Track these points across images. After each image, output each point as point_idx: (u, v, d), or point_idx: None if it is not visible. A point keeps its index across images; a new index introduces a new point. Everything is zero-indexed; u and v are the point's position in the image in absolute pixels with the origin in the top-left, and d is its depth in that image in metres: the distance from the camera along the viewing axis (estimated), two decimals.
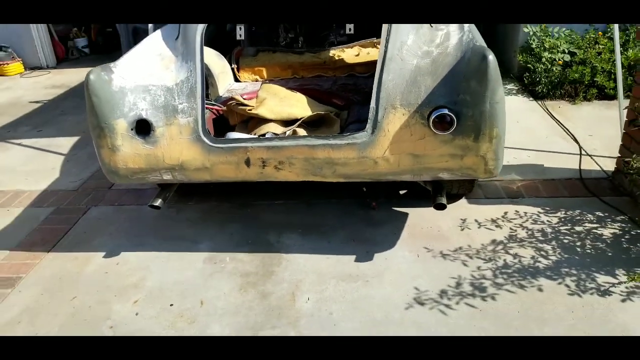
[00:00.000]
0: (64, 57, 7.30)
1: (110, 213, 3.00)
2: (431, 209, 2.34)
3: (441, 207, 2.19)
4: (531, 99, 4.29)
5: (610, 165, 3.04)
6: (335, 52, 3.16)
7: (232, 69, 3.02)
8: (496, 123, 1.93)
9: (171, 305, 2.20)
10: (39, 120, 4.83)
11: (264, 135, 2.24)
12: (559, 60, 4.21)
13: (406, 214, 2.72)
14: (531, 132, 3.65)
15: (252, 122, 2.35)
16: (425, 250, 2.42)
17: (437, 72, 2.01)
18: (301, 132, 2.27)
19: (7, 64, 6.59)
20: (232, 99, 2.42)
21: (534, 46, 4.33)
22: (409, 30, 2.18)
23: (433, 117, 1.95)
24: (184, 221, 2.83)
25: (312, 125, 2.38)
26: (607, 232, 2.46)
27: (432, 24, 2.30)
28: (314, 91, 2.63)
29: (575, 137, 3.49)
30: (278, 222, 2.73)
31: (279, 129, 2.28)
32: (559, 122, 3.77)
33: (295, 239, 2.58)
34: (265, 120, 2.29)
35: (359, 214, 2.76)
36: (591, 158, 3.20)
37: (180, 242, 2.63)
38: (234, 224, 2.75)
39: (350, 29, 3.00)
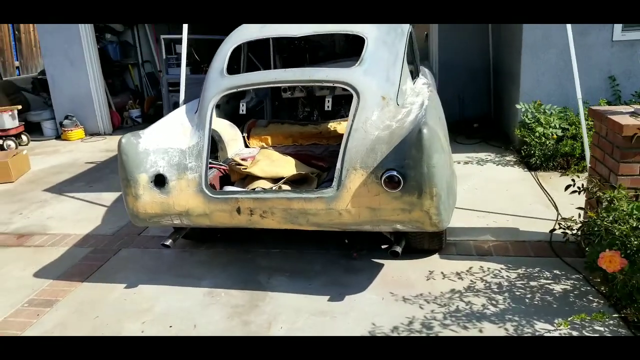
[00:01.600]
0: (119, 126, 8.35)
1: (136, 254, 3.58)
2: (405, 261, 2.74)
3: (395, 254, 2.60)
4: (526, 169, 4.66)
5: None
6: (332, 124, 3.74)
7: (244, 137, 3.63)
8: (434, 184, 2.37)
9: (170, 326, 2.67)
10: (91, 178, 5.63)
11: (254, 189, 2.78)
12: (553, 135, 4.61)
13: (382, 265, 3.12)
14: (517, 199, 4.01)
15: (248, 179, 2.91)
16: (390, 295, 2.80)
17: (391, 142, 2.51)
18: (285, 187, 2.79)
19: (71, 130, 7.64)
20: (233, 160, 3.00)
21: (527, 121, 4.76)
22: (375, 108, 2.71)
23: (384, 177, 2.43)
24: (194, 262, 3.36)
25: (297, 182, 2.91)
26: (558, 288, 2.76)
27: (398, 103, 2.84)
28: (305, 156, 3.18)
29: (557, 204, 3.81)
30: (271, 267, 3.20)
31: (267, 184, 2.82)
32: (545, 191, 4.11)
33: (282, 280, 3.03)
34: (258, 178, 2.84)
35: (341, 263, 3.19)
36: (565, 223, 3.51)
37: (188, 279, 3.14)
38: (234, 266, 3.24)
39: None
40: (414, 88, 3.21)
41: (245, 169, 2.83)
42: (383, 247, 3.15)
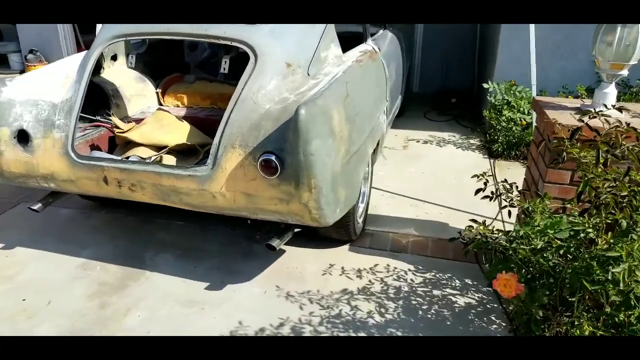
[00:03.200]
0: None
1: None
2: (310, 250, 2.46)
3: (271, 248, 2.31)
4: (486, 156, 4.30)
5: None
6: None
7: (157, 93, 3.29)
8: (313, 174, 2.05)
9: (24, 300, 2.44)
10: None
11: (127, 157, 2.47)
12: (522, 121, 4.21)
13: (284, 252, 2.84)
14: (462, 189, 3.67)
15: (131, 144, 2.60)
16: (275, 289, 2.53)
17: (280, 119, 2.17)
18: (168, 159, 2.48)
19: (34, 65, 7.29)
20: (113, 121, 2.67)
21: (494, 102, 4.36)
22: (275, 75, 2.36)
23: (260, 160, 2.11)
24: (87, 227, 3.10)
25: (186, 153, 2.60)
26: (462, 301, 2.47)
27: (309, 73, 2.48)
28: (213, 122, 2.84)
29: (501, 200, 3.47)
30: (165, 241, 2.93)
31: (148, 153, 2.51)
32: (496, 182, 3.77)
33: (168, 259, 2.77)
34: (138, 144, 2.53)
35: (242, 245, 2.91)
36: (503, 224, 3.19)
37: (70, 245, 2.89)
38: (126, 237, 2.98)
39: None
40: (342, 56, 2.83)
41: (123, 132, 2.51)
42: (257, 236, 2.85)
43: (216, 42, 2.47)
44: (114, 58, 3.08)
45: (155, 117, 2.64)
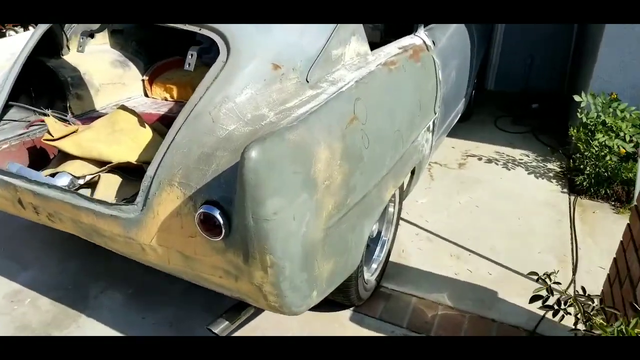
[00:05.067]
0: None
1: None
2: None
3: (212, 332, 1.63)
4: (565, 190, 3.35)
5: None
6: None
7: (143, 81, 2.67)
8: (267, 248, 1.33)
9: None
10: None
11: (53, 175, 1.86)
12: (620, 148, 3.22)
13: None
14: (525, 238, 2.80)
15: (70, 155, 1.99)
16: None
17: (239, 150, 1.47)
18: (106, 182, 1.84)
19: None
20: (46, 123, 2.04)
21: (585, 121, 3.36)
22: (253, 80, 1.64)
23: (199, 211, 1.42)
24: (38, 241, 2.58)
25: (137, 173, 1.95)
26: None
27: (308, 79, 1.75)
28: None
29: (577, 267, 2.58)
30: (120, 272, 2.35)
31: (88, 169, 1.89)
32: (574, 235, 2.85)
33: (115, 299, 2.19)
34: (76, 157, 1.91)
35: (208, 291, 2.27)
36: (576, 306, 2.32)
37: (9, 263, 2.39)
38: (78, 260, 2.43)
39: None
40: (368, 54, 2.05)
41: (52, 140, 1.90)
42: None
43: (180, 29, 1.78)
44: (92, 36, 2.48)
45: (110, 119, 2.02)
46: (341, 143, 1.55)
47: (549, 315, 2.17)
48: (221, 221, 1.38)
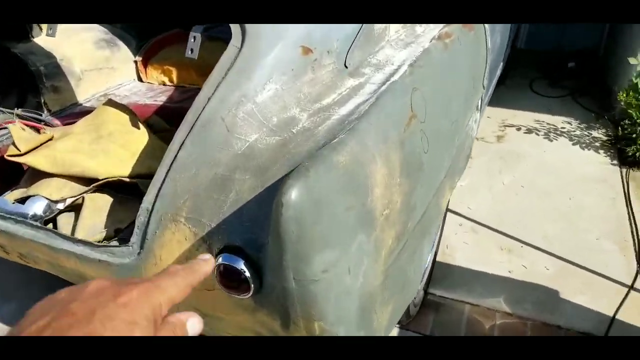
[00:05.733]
0: None
1: None
2: None
3: None
4: (615, 162, 2.89)
5: None
6: None
7: (136, 62, 2.18)
8: (315, 314, 0.92)
9: None
10: None
11: (25, 199, 1.42)
12: None
13: None
14: (579, 223, 2.38)
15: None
16: None
17: (270, 170, 1.03)
18: (93, 204, 1.41)
19: None
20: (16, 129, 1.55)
21: (638, 82, 2.87)
22: (277, 70, 1.18)
23: (218, 262, 1.00)
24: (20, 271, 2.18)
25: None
26: None
27: (347, 64, 1.29)
28: None
29: None
30: None
31: (66, 189, 1.44)
32: (632, 215, 2.43)
33: None
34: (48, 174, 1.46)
35: None
36: None
37: None
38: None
39: None
40: (415, 28, 1.56)
41: (16, 156, 1.43)
42: None
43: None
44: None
45: (94, 120, 1.55)
46: (400, 153, 1.11)
47: (621, 316, 1.80)
48: (248, 274, 0.97)
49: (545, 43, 4.53)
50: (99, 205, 1.38)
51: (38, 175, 1.43)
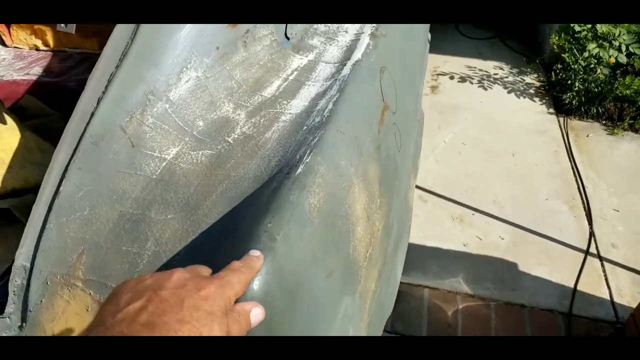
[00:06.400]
0: None
1: None
2: None
3: None
4: (552, 110, 2.85)
5: (630, 294, 1.76)
6: None
7: None
8: None
9: None
10: None
11: None
12: (609, 58, 2.70)
13: None
14: (527, 183, 2.31)
15: None
16: None
17: (200, 210, 0.73)
18: None
19: None
20: None
21: (578, 29, 2.79)
22: (198, 51, 0.84)
23: None
24: None
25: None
26: None
27: (288, 36, 0.97)
28: None
29: (591, 211, 2.15)
30: None
31: None
32: (576, 170, 2.39)
33: None
34: None
35: None
36: (601, 265, 1.90)
37: None
38: None
39: None
40: None
41: None
42: None
43: None
44: None
45: None
46: (377, 164, 0.85)
47: (581, 287, 1.75)
48: None
49: None
50: None
51: None
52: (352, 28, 1.04)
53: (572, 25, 2.78)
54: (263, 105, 0.86)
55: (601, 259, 1.91)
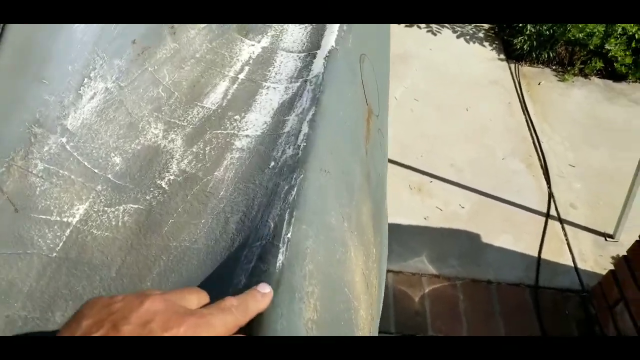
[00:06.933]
0: None
1: None
2: None
3: None
4: (502, 56, 2.73)
5: (593, 258, 1.74)
6: None
7: None
8: None
9: None
10: None
11: None
12: None
13: None
14: (483, 141, 2.21)
15: None
16: None
17: None
18: None
19: None
20: None
21: None
22: (110, 41, 0.58)
23: None
24: None
25: None
26: None
27: None
28: None
29: (548, 169, 2.09)
30: None
31: None
32: (531, 123, 2.32)
33: None
34: None
35: None
36: (562, 229, 1.87)
37: None
38: None
39: None
40: None
41: None
42: None
43: None
44: None
45: None
46: (369, 199, 0.65)
47: (545, 255, 1.72)
48: None
49: None
50: None
51: None
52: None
53: None
54: (206, 123, 0.63)
55: (562, 221, 1.87)
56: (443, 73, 2.51)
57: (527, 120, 2.30)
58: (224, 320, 0.37)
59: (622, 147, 2.16)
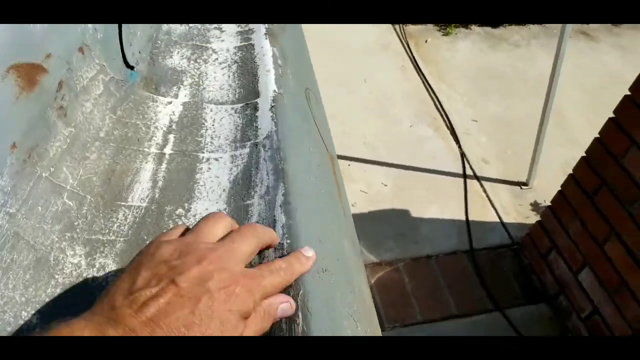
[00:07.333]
0: None
1: None
2: None
3: None
4: None
5: (515, 209, 1.82)
6: None
7: None
8: None
9: None
10: None
11: None
12: None
13: None
14: (387, 111, 2.18)
15: None
16: None
17: None
18: None
19: None
20: None
21: None
22: None
23: None
24: None
25: None
26: None
27: (133, 66, 0.54)
28: None
29: (454, 128, 2.13)
30: None
31: None
32: (428, 84, 2.33)
33: None
34: None
35: None
36: (481, 186, 1.92)
37: None
38: None
39: None
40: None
41: None
42: None
43: None
44: None
45: None
46: (359, 264, 0.55)
47: (472, 216, 1.77)
48: None
49: None
50: None
51: None
52: (227, 27, 0.64)
53: None
54: (142, 229, 0.49)
55: (478, 179, 1.92)
56: (335, 45, 2.43)
57: (423, 83, 2.32)
58: (273, 282, 0.39)
59: (512, 93, 2.26)
